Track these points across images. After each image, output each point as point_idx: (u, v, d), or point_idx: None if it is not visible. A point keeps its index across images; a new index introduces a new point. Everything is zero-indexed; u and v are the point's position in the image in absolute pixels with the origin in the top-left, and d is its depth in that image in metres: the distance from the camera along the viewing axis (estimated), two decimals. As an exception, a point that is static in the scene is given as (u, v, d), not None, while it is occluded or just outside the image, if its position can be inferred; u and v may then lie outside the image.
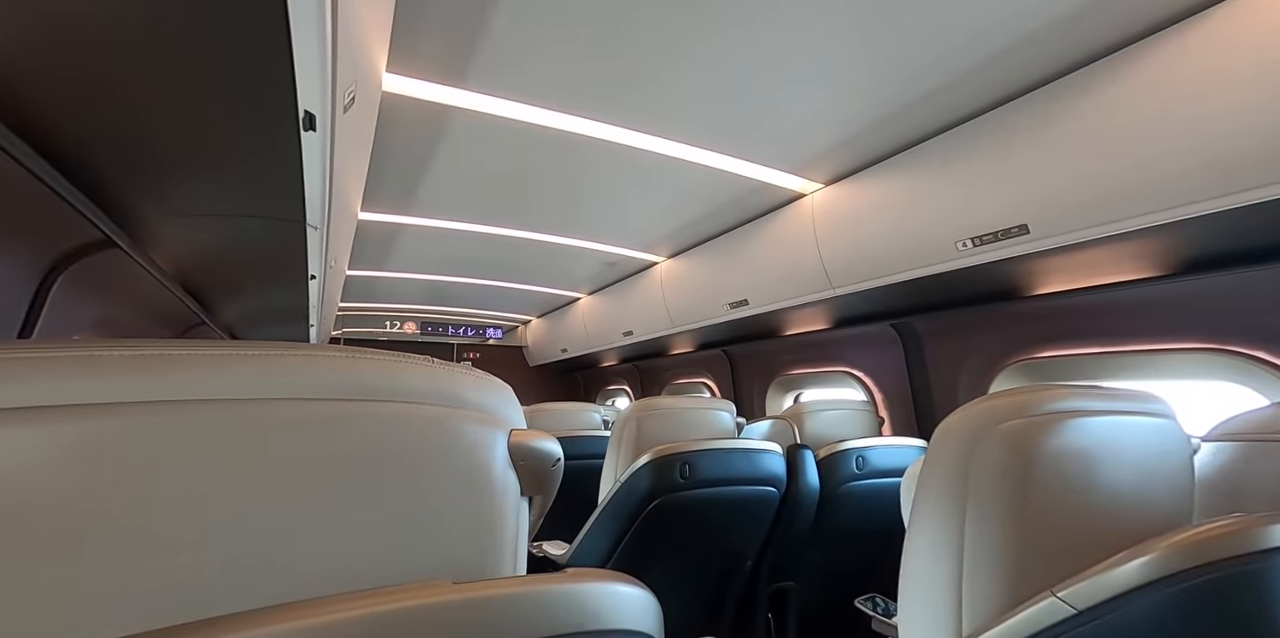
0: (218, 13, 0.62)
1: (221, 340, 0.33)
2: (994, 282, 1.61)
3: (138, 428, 0.28)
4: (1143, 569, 0.46)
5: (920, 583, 0.67)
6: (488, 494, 0.40)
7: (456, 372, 0.42)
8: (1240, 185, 0.96)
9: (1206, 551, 0.45)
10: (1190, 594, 0.44)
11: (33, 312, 0.96)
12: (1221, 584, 0.43)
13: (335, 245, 1.67)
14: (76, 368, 0.28)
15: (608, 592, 0.29)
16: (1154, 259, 1.27)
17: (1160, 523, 0.61)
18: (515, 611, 0.25)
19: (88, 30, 0.64)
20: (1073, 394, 0.70)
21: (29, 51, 0.66)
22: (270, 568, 0.28)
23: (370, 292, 3.78)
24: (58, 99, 0.75)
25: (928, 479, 0.68)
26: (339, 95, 0.78)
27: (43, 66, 0.69)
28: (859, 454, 1.64)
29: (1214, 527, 0.46)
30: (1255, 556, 0.44)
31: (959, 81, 1.26)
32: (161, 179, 0.95)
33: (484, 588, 0.26)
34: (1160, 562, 0.45)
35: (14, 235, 0.90)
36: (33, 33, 0.64)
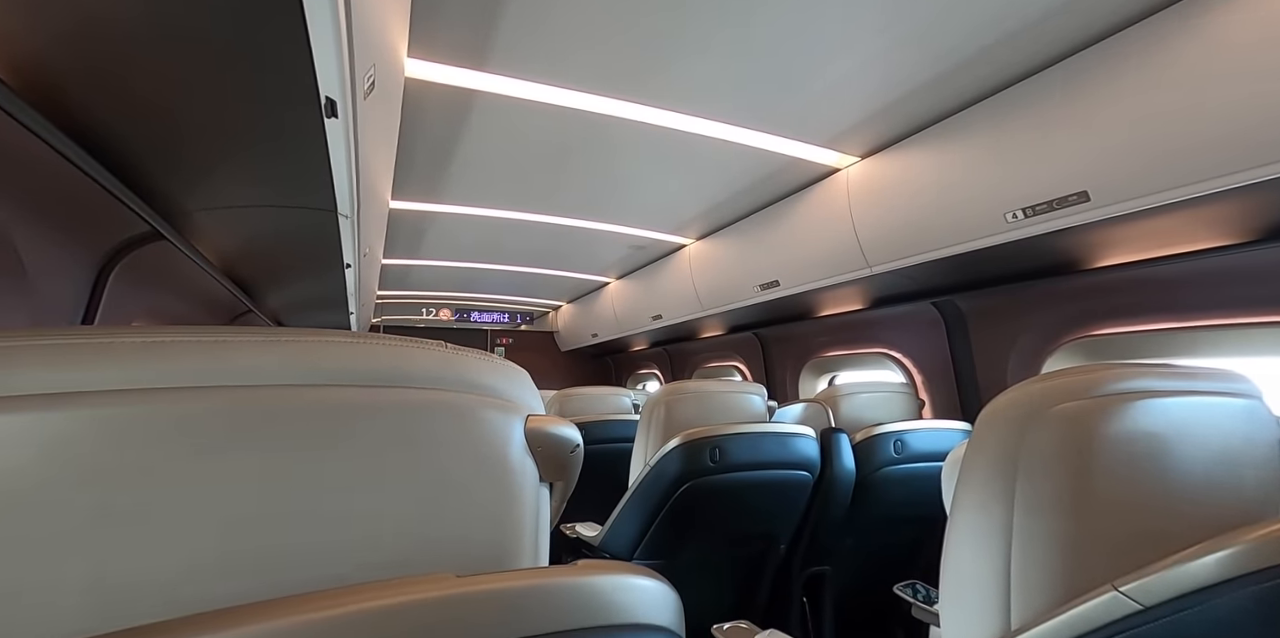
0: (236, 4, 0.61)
1: (238, 327, 0.32)
2: (1047, 255, 1.51)
3: (151, 414, 0.28)
4: (1224, 564, 0.41)
5: (964, 573, 0.64)
6: (505, 481, 0.39)
7: (471, 357, 0.41)
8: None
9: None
10: (1272, 594, 0.39)
11: (92, 302, 1.01)
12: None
13: (368, 234, 1.70)
14: (90, 355, 0.28)
15: (622, 585, 0.27)
16: (1233, 225, 1.16)
17: (1242, 516, 0.55)
18: (522, 605, 0.24)
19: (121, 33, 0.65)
20: (1141, 373, 0.64)
21: (73, 56, 0.68)
22: (282, 555, 0.28)
23: (405, 280, 3.87)
24: (100, 99, 0.77)
25: (973, 463, 0.64)
26: (358, 80, 0.78)
27: (86, 70, 0.71)
28: (897, 438, 1.59)
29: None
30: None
31: (1008, 40, 1.16)
32: (198, 173, 0.98)
33: (489, 581, 0.25)
34: (1245, 556, 0.41)
35: (70, 230, 0.95)
36: (76, 39, 0.66)
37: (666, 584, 0.31)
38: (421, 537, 0.34)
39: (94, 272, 0.99)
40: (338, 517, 0.31)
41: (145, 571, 0.26)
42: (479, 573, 0.26)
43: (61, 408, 0.26)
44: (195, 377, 0.30)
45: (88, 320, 1.02)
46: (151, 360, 0.29)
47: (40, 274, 0.85)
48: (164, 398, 0.28)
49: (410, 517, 0.34)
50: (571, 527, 1.67)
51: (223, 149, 0.91)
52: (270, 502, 0.29)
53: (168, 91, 0.77)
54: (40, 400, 0.26)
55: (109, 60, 0.70)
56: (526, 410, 0.43)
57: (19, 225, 0.78)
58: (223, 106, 0.81)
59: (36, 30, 0.63)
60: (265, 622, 0.20)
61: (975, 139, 1.42)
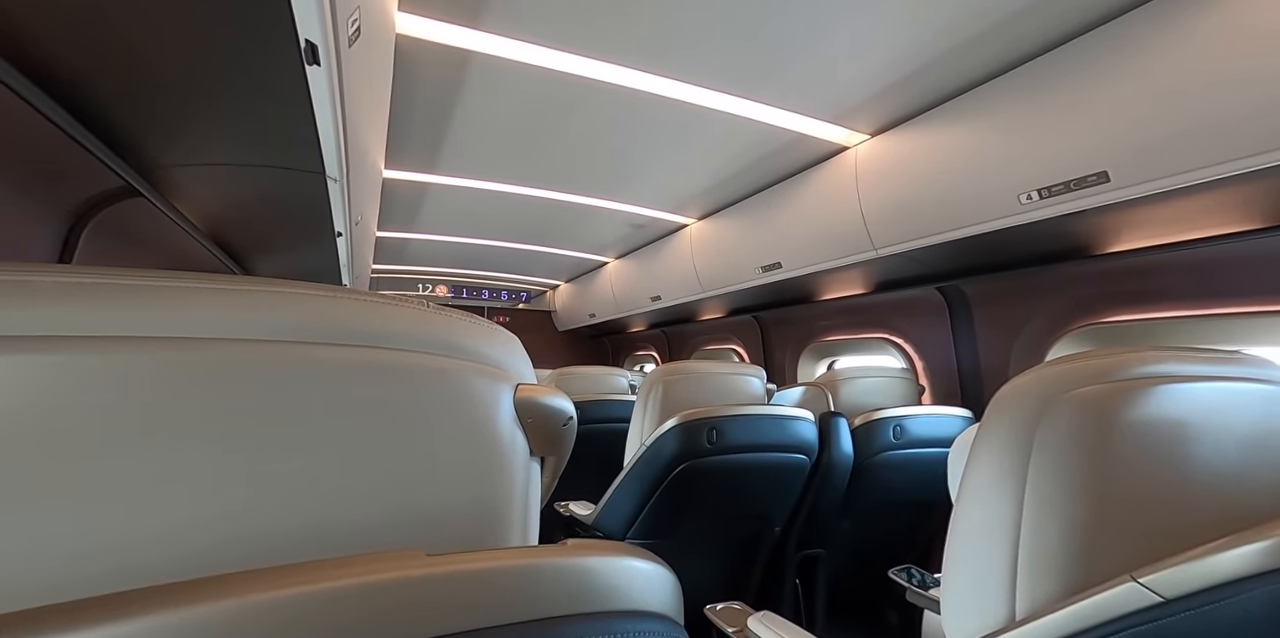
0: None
1: (189, 273, 0.28)
2: (1060, 238, 1.46)
3: (72, 363, 0.24)
4: (1253, 558, 0.39)
5: (968, 558, 0.62)
6: (492, 453, 0.36)
7: (455, 318, 0.37)
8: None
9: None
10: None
11: (63, 261, 0.96)
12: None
13: (360, 201, 1.64)
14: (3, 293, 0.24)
15: (616, 567, 0.24)
16: (1263, 208, 1.11)
17: (1272, 507, 0.53)
18: (500, 588, 0.21)
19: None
20: (1165, 357, 0.61)
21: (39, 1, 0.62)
22: (232, 526, 0.24)
23: (401, 254, 3.80)
24: (64, 40, 0.71)
25: (983, 448, 0.61)
26: (341, 23, 0.72)
27: (52, 12, 0.65)
28: (897, 423, 1.57)
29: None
30: None
31: (1028, 11, 1.09)
32: (173, 125, 0.92)
33: (463, 561, 0.21)
34: (1273, 551, 0.38)
35: (36, 183, 0.89)
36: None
37: (665, 567, 0.28)
38: (394, 511, 0.30)
39: (64, 229, 0.93)
40: (301, 487, 0.27)
41: (78, 537, 0.23)
42: (454, 552, 0.22)
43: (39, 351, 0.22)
44: (129, 325, 0.26)
45: None
46: (76, 305, 0.25)
47: (4, 231, 0.80)
48: (89, 347, 0.24)
49: (382, 489, 0.30)
50: (565, 505, 1.66)
51: (197, 99, 0.85)
52: (221, 470, 0.26)
53: (134, 30, 0.71)
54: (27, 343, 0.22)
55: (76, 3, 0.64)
56: (516, 379, 0.39)
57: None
58: (196, 51, 0.75)
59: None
60: (203, 603, 0.17)
61: (990, 117, 1.36)
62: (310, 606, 0.18)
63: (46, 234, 0.91)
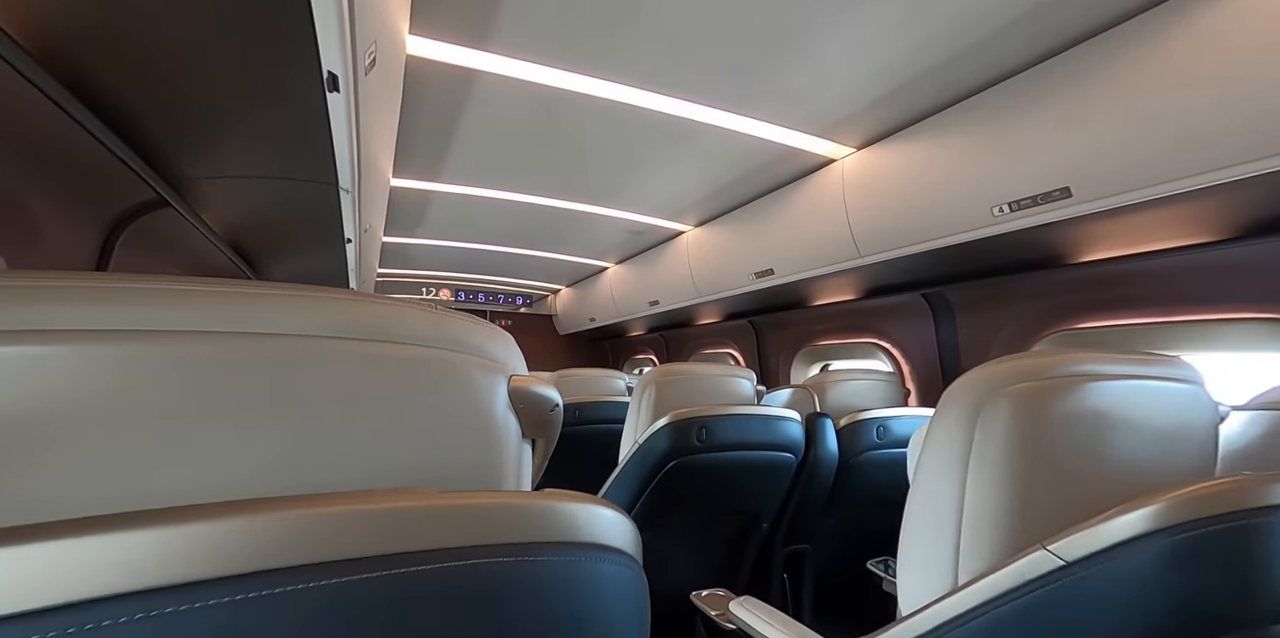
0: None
1: (254, 282, 0.36)
2: (1033, 249, 1.54)
3: (161, 353, 0.31)
4: (1137, 522, 0.46)
5: (920, 537, 0.69)
6: (489, 433, 0.43)
7: (459, 318, 0.44)
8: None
9: (1204, 505, 0.44)
10: (1182, 548, 0.44)
11: (100, 267, 1.05)
12: (1215, 539, 0.43)
13: (369, 210, 1.73)
14: (119, 297, 0.32)
15: (583, 510, 0.31)
16: (1211, 223, 1.19)
17: (1174, 488, 0.60)
18: (492, 518, 0.28)
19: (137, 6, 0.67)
20: (1090, 358, 0.68)
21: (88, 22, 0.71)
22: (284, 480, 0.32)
23: (406, 258, 3.89)
24: (113, 66, 0.79)
25: (932, 437, 0.69)
26: (360, 55, 0.80)
27: (99, 37, 0.74)
28: (880, 424, 1.64)
29: (1215, 483, 0.46)
30: (1254, 512, 0.43)
31: (1001, 34, 1.17)
32: (203, 142, 1.00)
33: (465, 497, 0.29)
34: (1155, 515, 0.45)
35: (81, 196, 0.98)
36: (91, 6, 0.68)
37: (625, 516, 0.35)
38: (406, 476, 0.37)
39: (102, 236, 1.02)
40: (328, 461, 0.34)
41: (153, 485, 0.30)
42: (458, 491, 0.29)
43: (89, 342, 0.29)
44: (207, 323, 0.33)
45: None
46: (169, 306, 0.33)
47: (52, 237, 0.88)
48: (178, 340, 0.32)
49: (397, 459, 0.37)
50: (561, 501, 1.72)
51: (228, 119, 0.93)
52: (264, 436, 0.33)
53: (176, 60, 0.79)
54: (79, 335, 0.29)
55: (122, 28, 0.72)
56: (510, 370, 0.46)
57: (35, 190, 0.81)
58: (228, 77, 0.84)
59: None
60: (253, 514, 0.23)
61: (966, 134, 1.44)
62: (351, 520, 0.25)
63: (88, 241, 0.99)
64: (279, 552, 0.23)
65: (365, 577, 0.24)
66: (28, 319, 0.28)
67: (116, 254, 1.03)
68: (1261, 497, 0.44)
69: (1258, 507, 0.43)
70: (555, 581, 0.29)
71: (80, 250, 0.98)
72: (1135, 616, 0.45)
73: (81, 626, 0.19)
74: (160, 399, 0.30)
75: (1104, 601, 0.46)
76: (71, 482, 0.27)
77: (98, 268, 1.01)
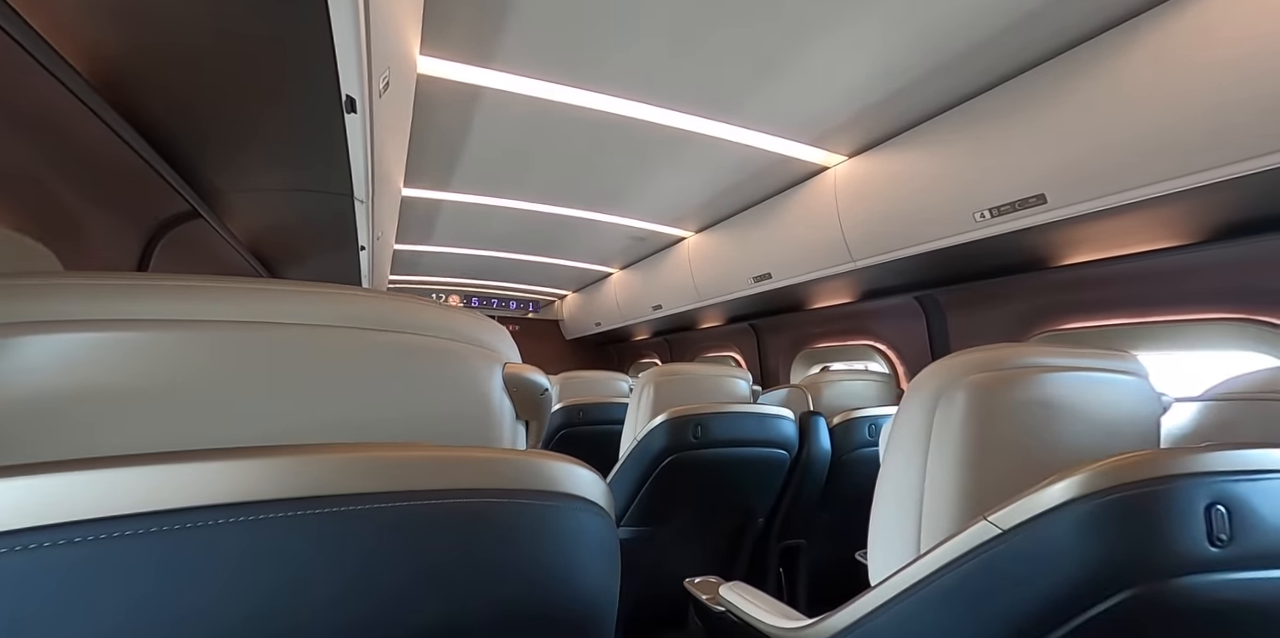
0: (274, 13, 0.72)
1: (279, 280, 0.43)
2: (1016, 252, 1.59)
3: (204, 338, 0.38)
4: (1062, 491, 0.51)
5: (886, 516, 0.75)
6: (486, 414, 0.50)
7: (461, 312, 0.51)
8: (1264, 149, 0.93)
9: (1119, 474, 0.50)
10: (1099, 513, 0.49)
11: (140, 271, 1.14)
12: (1126, 504, 0.49)
13: (381, 219, 1.82)
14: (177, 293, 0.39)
15: (560, 466, 0.38)
16: (1180, 227, 1.24)
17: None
18: (482, 468, 0.35)
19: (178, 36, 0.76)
20: (1043, 352, 0.74)
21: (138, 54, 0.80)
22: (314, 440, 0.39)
23: (416, 265, 3.99)
24: (157, 92, 0.88)
25: (898, 424, 0.75)
26: (375, 80, 0.88)
27: (147, 67, 0.83)
28: (872, 422, 1.69)
29: (1129, 455, 0.51)
30: (1159, 480, 0.49)
31: (979, 49, 1.24)
32: (233, 158, 1.09)
33: (457, 451, 0.35)
34: (1077, 484, 0.51)
35: (125, 207, 1.07)
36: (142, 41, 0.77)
37: (599, 476, 0.42)
38: None
39: (142, 244, 1.11)
40: (352, 420, 0.41)
41: (189, 439, 0.36)
42: (451, 446, 0.36)
43: (149, 330, 0.36)
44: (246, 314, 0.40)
45: None
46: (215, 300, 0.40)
47: (100, 245, 0.97)
48: (221, 328, 0.39)
49: (409, 431, 0.44)
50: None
51: (255, 137, 1.02)
52: (299, 406, 0.40)
53: (211, 83, 0.88)
54: (141, 324, 0.36)
55: (165, 55, 0.81)
56: (505, 359, 0.53)
57: (85, 201, 0.90)
58: (257, 99, 0.92)
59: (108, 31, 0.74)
60: (271, 457, 0.29)
61: (950, 142, 1.50)
62: (354, 464, 0.31)
63: (130, 249, 1.09)
64: (315, 483, 0.30)
65: (380, 506, 0.31)
66: (95, 310, 0.35)
67: (154, 261, 1.13)
68: (1166, 467, 0.50)
69: (1162, 475, 0.49)
70: (535, 520, 0.36)
71: (124, 257, 1.07)
72: (1060, 574, 0.51)
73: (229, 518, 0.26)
74: (211, 376, 0.37)
75: (1034, 563, 0.52)
76: (146, 437, 0.34)
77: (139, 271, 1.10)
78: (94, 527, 0.24)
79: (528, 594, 0.36)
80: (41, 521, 0.23)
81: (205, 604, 0.26)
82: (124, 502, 0.25)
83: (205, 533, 0.26)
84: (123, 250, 1.07)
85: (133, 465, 0.26)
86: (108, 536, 0.24)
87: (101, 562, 0.24)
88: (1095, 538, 0.49)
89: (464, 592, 0.33)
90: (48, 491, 0.24)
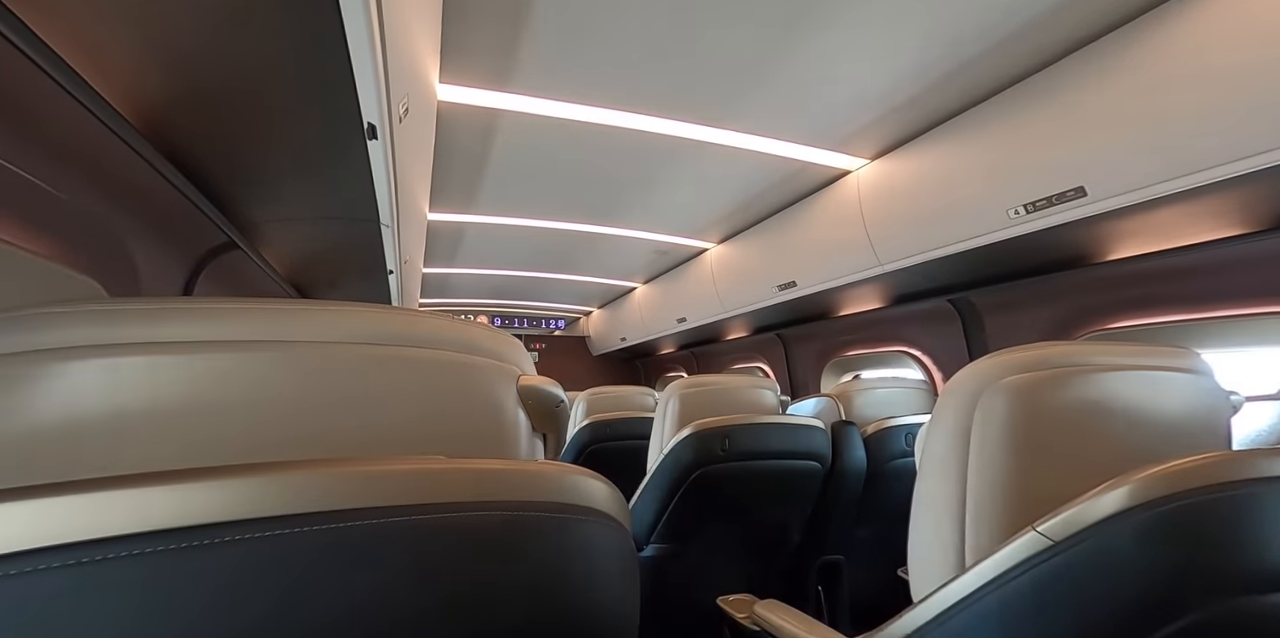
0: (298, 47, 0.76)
1: (311, 301, 0.45)
2: (1056, 249, 1.52)
3: (246, 358, 0.39)
4: (1117, 499, 0.47)
5: (925, 527, 0.70)
6: (501, 426, 0.49)
7: (472, 325, 0.52)
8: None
9: (1181, 480, 0.45)
10: (1160, 522, 0.45)
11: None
12: (1191, 512, 0.44)
13: (408, 243, 1.87)
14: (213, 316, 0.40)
15: (573, 478, 0.37)
16: (1233, 216, 1.16)
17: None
18: (495, 480, 0.34)
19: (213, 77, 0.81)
20: (1089, 350, 0.70)
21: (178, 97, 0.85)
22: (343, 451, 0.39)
23: (445, 288, 4.09)
24: (194, 130, 0.94)
25: (933, 430, 0.71)
26: (394, 106, 0.92)
27: (185, 107, 0.88)
28: (908, 431, 1.62)
29: (1192, 459, 0.47)
30: (1228, 486, 0.44)
31: (1004, 43, 1.21)
32: (267, 190, 1.15)
33: (470, 463, 0.35)
34: (1134, 491, 0.47)
35: (171, 241, 1.14)
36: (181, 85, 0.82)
37: (615, 489, 0.40)
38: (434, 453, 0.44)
39: (185, 276, 1.17)
40: (376, 430, 0.42)
41: (230, 451, 0.37)
42: (465, 458, 0.36)
43: (199, 352, 0.37)
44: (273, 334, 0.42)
45: None
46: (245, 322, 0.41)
47: (146, 278, 1.03)
48: (252, 348, 0.40)
49: (430, 440, 0.44)
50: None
51: (286, 168, 1.07)
52: (331, 417, 0.40)
53: (245, 120, 0.93)
54: (170, 346, 0.37)
55: (204, 101, 0.86)
56: (519, 371, 0.53)
57: (134, 236, 0.96)
58: (286, 134, 0.97)
59: (151, 78, 0.79)
60: (286, 473, 0.29)
61: (977, 139, 1.46)
62: (369, 480, 0.31)
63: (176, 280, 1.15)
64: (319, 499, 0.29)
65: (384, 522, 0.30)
66: (139, 334, 0.36)
67: (197, 291, 1.18)
68: (1238, 470, 0.45)
69: (1231, 481, 0.45)
70: (548, 532, 0.35)
71: (170, 289, 1.13)
72: (1119, 591, 0.46)
73: (264, 531, 0.26)
74: (247, 393, 0.38)
75: (1090, 577, 0.48)
76: (191, 452, 0.35)
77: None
78: (79, 550, 0.24)
79: (544, 610, 0.35)
80: (30, 544, 0.23)
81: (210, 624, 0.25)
82: (109, 523, 0.25)
83: (196, 554, 0.26)
84: (168, 282, 1.13)
85: (120, 488, 0.26)
86: (99, 558, 0.24)
87: (90, 585, 0.24)
88: (1158, 550, 0.45)
89: (477, 607, 0.32)
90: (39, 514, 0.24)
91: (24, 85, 0.66)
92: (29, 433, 0.33)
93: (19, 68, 0.63)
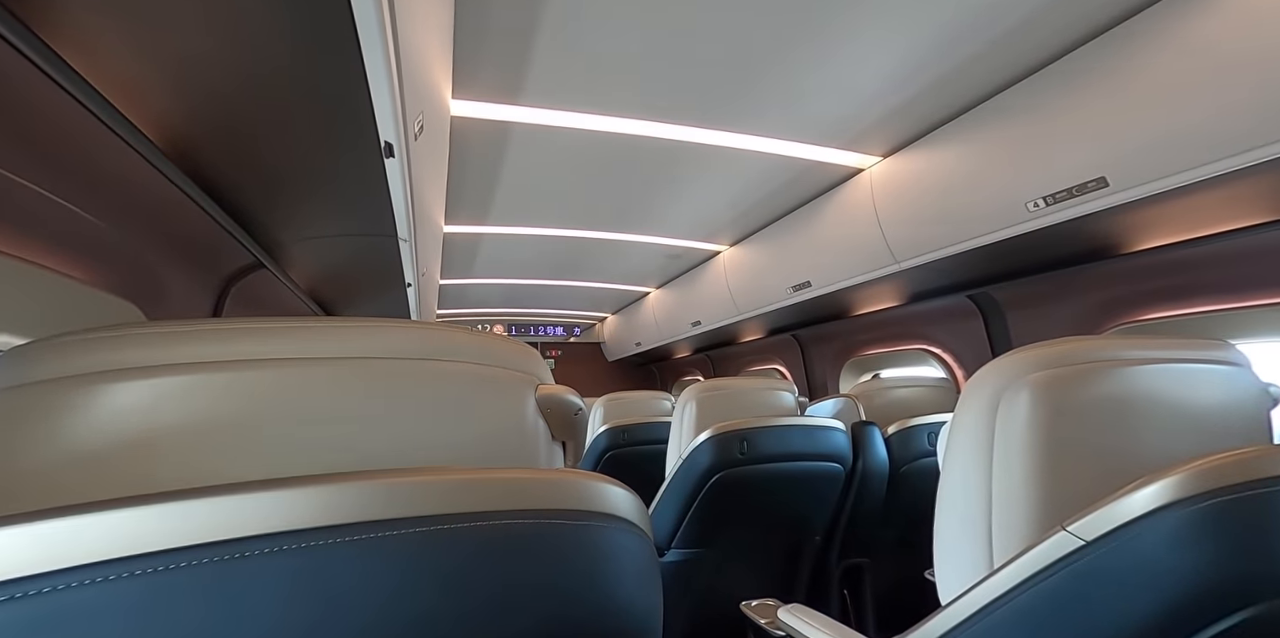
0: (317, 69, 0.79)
1: (342, 318, 0.46)
2: (1080, 241, 1.49)
3: (275, 376, 0.41)
4: (1151, 496, 0.46)
5: (951, 528, 0.69)
6: (521, 434, 0.50)
7: (491, 337, 0.53)
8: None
9: (1218, 476, 0.44)
10: (1197, 520, 0.44)
11: (211, 320, 1.24)
12: (1230, 509, 0.43)
13: (425, 256, 1.91)
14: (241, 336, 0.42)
15: (593, 485, 0.38)
16: (1265, 203, 1.13)
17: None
18: (515, 489, 0.35)
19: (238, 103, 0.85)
20: (1116, 344, 0.68)
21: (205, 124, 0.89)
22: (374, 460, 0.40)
23: (462, 298, 4.15)
24: (221, 154, 0.98)
25: (956, 428, 0.70)
26: (409, 125, 0.94)
27: (212, 133, 0.92)
28: (931, 430, 1.59)
29: (1230, 453, 0.46)
30: (1270, 481, 0.43)
31: (1016, 34, 1.19)
32: (290, 210, 1.19)
33: (490, 472, 0.36)
34: (1168, 488, 0.45)
35: (199, 263, 1.18)
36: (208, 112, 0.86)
37: (635, 496, 0.41)
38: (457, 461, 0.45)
39: (215, 295, 1.22)
40: (403, 440, 0.43)
41: (268, 469, 0.39)
42: (485, 467, 0.37)
43: (238, 370, 0.39)
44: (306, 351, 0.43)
45: None
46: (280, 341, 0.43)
47: (177, 298, 1.07)
48: (286, 365, 0.41)
49: (452, 448, 0.46)
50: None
51: (308, 189, 1.10)
52: (363, 430, 0.42)
53: (270, 145, 0.96)
54: (224, 365, 0.39)
55: (230, 127, 0.90)
56: (538, 381, 0.54)
57: (163, 260, 1.00)
58: (307, 155, 1.00)
59: (178, 105, 0.83)
60: (308, 487, 0.30)
61: (992, 132, 1.44)
62: (389, 490, 0.32)
63: (204, 301, 1.19)
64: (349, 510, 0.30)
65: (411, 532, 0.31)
66: (174, 355, 0.38)
67: (225, 310, 1.23)
68: (1277, 465, 0.44)
69: (1275, 475, 0.43)
70: (573, 539, 0.36)
71: (200, 309, 1.17)
72: (1156, 591, 0.45)
73: (295, 544, 0.28)
74: (277, 409, 0.40)
75: (1124, 579, 0.47)
76: (226, 468, 0.37)
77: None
78: (134, 563, 0.25)
79: (568, 617, 0.35)
80: (96, 557, 0.24)
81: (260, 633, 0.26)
82: (160, 538, 0.26)
83: (246, 564, 0.27)
84: (198, 303, 1.18)
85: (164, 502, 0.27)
86: (156, 569, 0.25)
87: (163, 592, 0.25)
88: (1195, 550, 0.44)
89: (502, 615, 0.33)
90: (109, 527, 0.25)
91: (68, 122, 0.70)
92: (78, 451, 0.34)
93: (63, 106, 0.67)
